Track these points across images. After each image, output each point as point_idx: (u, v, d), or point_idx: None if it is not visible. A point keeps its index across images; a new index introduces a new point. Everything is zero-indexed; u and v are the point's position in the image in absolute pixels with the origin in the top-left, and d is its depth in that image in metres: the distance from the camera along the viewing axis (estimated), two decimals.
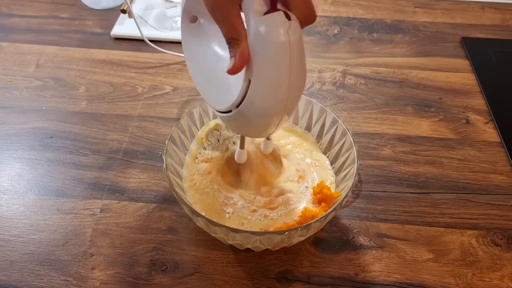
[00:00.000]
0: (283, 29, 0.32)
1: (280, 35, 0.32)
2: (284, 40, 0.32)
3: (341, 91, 0.68)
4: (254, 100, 0.36)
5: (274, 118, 0.38)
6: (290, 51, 0.33)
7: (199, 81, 0.44)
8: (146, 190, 0.54)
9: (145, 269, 0.47)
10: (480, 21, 0.83)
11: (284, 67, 0.34)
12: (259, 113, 0.37)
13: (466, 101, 0.67)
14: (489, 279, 0.46)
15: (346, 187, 0.46)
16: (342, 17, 0.83)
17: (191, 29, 0.43)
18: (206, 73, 0.43)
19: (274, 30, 0.32)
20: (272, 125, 0.39)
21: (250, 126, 0.40)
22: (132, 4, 0.81)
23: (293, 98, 0.37)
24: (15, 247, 0.48)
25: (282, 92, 0.35)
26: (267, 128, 0.40)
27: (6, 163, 0.57)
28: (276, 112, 0.37)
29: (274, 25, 0.32)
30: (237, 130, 0.44)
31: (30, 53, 0.73)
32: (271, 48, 0.33)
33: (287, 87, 0.35)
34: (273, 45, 0.33)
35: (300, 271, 0.47)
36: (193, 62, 0.44)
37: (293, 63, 0.34)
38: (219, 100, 0.40)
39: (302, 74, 0.36)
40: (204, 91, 0.44)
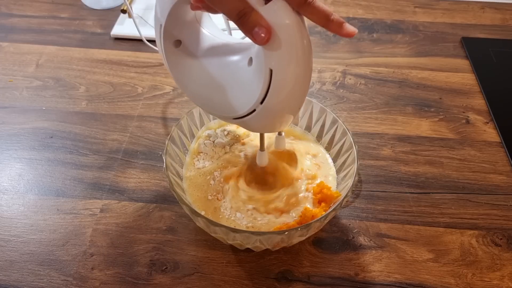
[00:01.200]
0: (289, 9, 0.33)
1: (290, 15, 0.33)
2: (295, 18, 0.33)
3: (341, 91, 0.68)
4: (280, 89, 0.36)
5: (299, 103, 0.38)
6: (301, 29, 0.34)
7: (201, 98, 0.43)
8: (146, 190, 0.54)
9: (145, 269, 0.47)
10: (480, 21, 0.83)
11: (300, 47, 0.34)
12: (286, 101, 0.37)
13: (466, 101, 0.67)
14: (489, 279, 0.46)
15: (346, 187, 0.46)
16: (342, 17, 0.82)
17: (178, 53, 0.42)
18: (209, 88, 0.42)
19: (283, 12, 0.33)
20: (295, 112, 0.39)
21: (276, 119, 0.39)
22: (132, 4, 0.81)
23: (309, 80, 0.37)
24: (15, 247, 0.48)
25: (303, 73, 0.36)
26: (291, 117, 0.40)
27: (6, 163, 0.57)
28: (302, 93, 0.37)
29: (280, 8, 0.33)
30: (260, 128, 0.43)
31: (30, 53, 0.73)
32: (285, 29, 0.33)
33: (305, 67, 0.35)
34: (286, 26, 0.33)
35: (300, 271, 0.47)
36: (188, 82, 0.43)
37: (306, 42, 0.34)
38: (236, 105, 0.39)
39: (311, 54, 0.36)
40: (211, 105, 0.43)
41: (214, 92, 0.42)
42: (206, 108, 0.44)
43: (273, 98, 0.36)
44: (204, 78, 0.42)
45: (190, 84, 0.43)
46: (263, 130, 0.43)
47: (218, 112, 0.43)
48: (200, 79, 0.42)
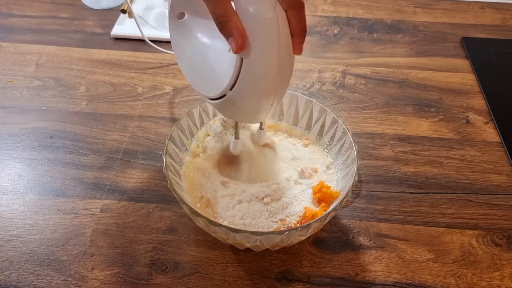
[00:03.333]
0: (270, 4, 0.34)
1: (268, 10, 0.34)
2: (272, 15, 0.34)
3: (341, 91, 0.68)
4: (248, 78, 0.37)
5: (268, 96, 0.39)
6: (279, 26, 0.34)
7: (190, 74, 0.45)
8: (146, 190, 0.54)
9: (145, 269, 0.47)
10: (480, 21, 0.83)
11: (274, 42, 0.35)
12: (253, 91, 0.38)
13: (466, 101, 0.67)
14: (489, 279, 0.46)
15: (346, 187, 0.46)
16: (342, 17, 0.83)
17: (179, 25, 0.44)
18: (196, 65, 0.43)
19: (262, 6, 0.34)
20: (266, 105, 0.40)
21: (245, 109, 0.41)
22: (132, 4, 0.81)
23: (284, 76, 0.38)
24: (15, 247, 0.48)
25: (273, 68, 0.36)
26: (261, 109, 0.40)
27: (6, 163, 0.57)
28: (269, 89, 0.38)
29: (261, 1, 0.34)
30: (232, 115, 0.45)
31: (30, 53, 0.73)
32: (260, 23, 0.34)
33: (278, 63, 0.36)
34: (262, 20, 0.34)
35: (300, 271, 0.47)
36: (183, 56, 0.45)
37: (282, 39, 0.35)
38: (212, 87, 0.41)
39: (290, 54, 0.37)
40: (196, 82, 0.44)
41: (198, 70, 0.43)
42: (192, 84, 0.45)
43: (241, 86, 0.37)
44: (194, 54, 0.43)
45: (182, 58, 0.45)
46: (233, 117, 0.45)
47: (200, 91, 0.44)
48: (191, 54, 0.44)
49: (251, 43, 0.35)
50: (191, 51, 0.44)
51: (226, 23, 0.34)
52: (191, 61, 0.44)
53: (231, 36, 0.34)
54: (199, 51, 0.43)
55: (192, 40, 0.43)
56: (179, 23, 0.43)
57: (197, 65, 0.43)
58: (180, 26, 0.44)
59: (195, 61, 0.44)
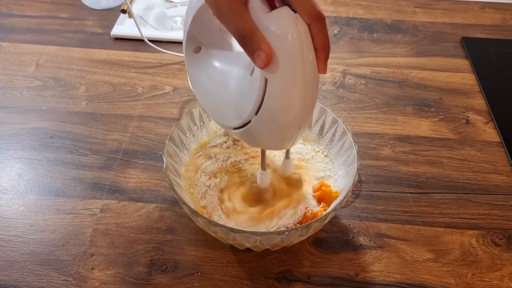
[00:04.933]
0: (291, 20, 0.33)
1: (290, 26, 0.33)
2: (294, 31, 0.33)
3: (341, 91, 0.68)
4: (274, 100, 0.35)
5: (295, 117, 0.37)
6: (302, 41, 0.33)
7: (210, 106, 0.44)
8: (146, 190, 0.54)
9: (145, 269, 0.47)
10: (480, 21, 0.83)
11: (299, 59, 0.34)
12: (280, 113, 0.36)
13: (466, 101, 0.67)
14: (489, 279, 0.46)
15: (346, 187, 0.46)
16: (342, 17, 0.83)
17: (195, 59, 0.43)
18: (217, 96, 0.42)
19: (284, 22, 0.33)
20: (294, 127, 0.38)
21: (272, 133, 0.39)
22: (132, 4, 0.81)
23: (311, 96, 0.36)
24: (15, 247, 0.48)
25: (300, 86, 0.35)
26: (289, 132, 0.38)
27: (6, 163, 0.57)
28: (296, 111, 0.36)
29: (282, 18, 0.33)
30: (258, 142, 0.42)
31: (30, 53, 0.73)
32: (283, 40, 0.33)
33: (304, 80, 0.35)
34: (285, 36, 0.33)
35: (300, 271, 0.47)
36: (201, 89, 0.44)
37: (306, 55, 0.34)
38: (235, 116, 0.39)
39: (315, 70, 0.36)
40: (218, 114, 0.43)
41: (219, 100, 0.42)
42: (212, 116, 0.44)
43: (267, 109, 0.36)
44: (213, 84, 0.42)
45: (201, 90, 0.44)
46: (259, 145, 0.43)
47: (221, 121, 0.43)
48: (210, 86, 0.43)
49: (275, 62, 0.33)
50: (209, 83, 0.43)
51: (251, 37, 0.32)
52: (210, 93, 0.43)
53: (257, 49, 0.32)
54: (218, 81, 0.42)
55: (210, 72, 0.42)
56: (195, 57, 0.43)
57: (217, 96, 0.42)
58: (196, 59, 0.43)
59: (214, 93, 0.42)
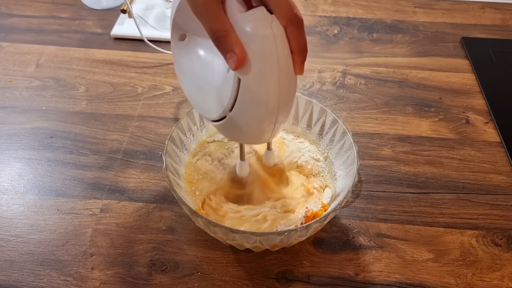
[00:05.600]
0: (266, 22, 0.33)
1: (264, 27, 0.33)
2: (268, 32, 0.33)
3: (341, 91, 0.68)
4: (246, 99, 0.36)
5: (269, 116, 0.38)
6: (276, 44, 0.34)
7: (192, 95, 0.44)
8: (146, 190, 0.54)
9: (145, 269, 0.47)
10: (480, 21, 0.83)
11: (272, 60, 0.34)
12: (253, 112, 0.37)
13: (466, 101, 0.67)
14: (489, 279, 0.46)
15: (346, 187, 0.46)
16: (342, 17, 0.83)
17: (180, 46, 0.43)
18: (198, 86, 0.43)
19: (258, 24, 0.33)
20: (268, 125, 0.39)
21: (247, 130, 0.40)
22: (132, 4, 0.81)
23: (285, 95, 0.37)
24: (15, 247, 0.48)
25: (272, 87, 0.35)
26: (264, 130, 0.39)
27: (6, 163, 0.57)
28: (270, 110, 0.37)
29: (257, 19, 0.33)
30: (234, 137, 0.44)
31: (30, 53, 0.73)
32: (256, 41, 0.33)
33: (277, 82, 0.35)
34: (258, 38, 0.33)
35: (300, 271, 0.47)
36: (184, 76, 0.44)
37: (280, 57, 0.34)
38: (213, 109, 0.40)
39: (291, 72, 0.36)
40: (198, 104, 0.43)
41: (199, 91, 0.42)
42: (194, 106, 0.44)
43: (240, 107, 0.36)
44: (196, 75, 0.43)
45: (184, 79, 0.44)
46: (236, 139, 0.44)
47: (201, 112, 0.43)
48: (192, 75, 0.43)
49: (248, 62, 0.34)
50: (192, 72, 0.43)
51: (224, 38, 0.33)
52: (192, 82, 0.44)
53: (230, 51, 0.33)
54: (199, 72, 0.42)
55: (193, 61, 0.43)
56: (180, 44, 0.43)
57: (198, 86, 0.43)
58: (181, 47, 0.43)
59: (196, 83, 0.43)
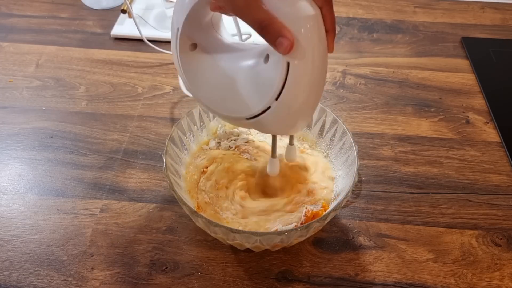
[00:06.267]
0: (308, 2, 0.34)
1: (307, 8, 0.34)
2: (312, 12, 0.34)
3: (341, 91, 0.68)
4: (297, 83, 0.36)
5: (315, 99, 0.38)
6: (318, 24, 0.34)
7: (216, 101, 0.43)
8: (146, 190, 0.54)
9: (145, 269, 0.47)
10: (480, 21, 0.83)
11: (315, 40, 0.35)
12: (302, 96, 0.37)
13: (466, 101, 0.67)
14: (489, 279, 0.46)
15: (346, 187, 0.46)
16: (342, 17, 0.83)
17: (192, 57, 0.43)
18: (224, 89, 0.42)
19: (301, 5, 0.34)
20: (312, 110, 0.39)
21: (291, 117, 0.39)
22: (132, 4, 0.81)
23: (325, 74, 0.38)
24: (15, 247, 0.48)
25: (319, 66, 0.36)
26: (307, 115, 0.40)
27: (6, 163, 0.57)
28: (316, 91, 0.38)
29: (298, 2, 0.34)
30: (275, 128, 0.42)
31: (30, 53, 0.73)
32: (302, 22, 0.34)
33: (322, 61, 0.36)
34: (304, 18, 0.34)
35: (300, 271, 0.47)
36: (203, 85, 0.43)
37: (321, 36, 0.35)
38: (250, 105, 0.39)
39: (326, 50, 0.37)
40: (226, 107, 0.43)
41: (229, 93, 0.42)
42: (220, 111, 0.43)
43: (289, 93, 0.36)
44: (219, 79, 0.42)
45: (203, 87, 0.44)
46: (277, 130, 0.43)
47: (232, 113, 0.42)
48: (215, 81, 0.43)
49: (297, 43, 0.34)
50: (212, 78, 0.42)
51: (271, 26, 0.33)
52: (215, 88, 0.43)
53: (279, 36, 0.33)
54: (223, 75, 0.42)
55: (211, 67, 0.42)
56: (191, 54, 0.43)
57: (225, 89, 0.42)
58: (193, 57, 0.43)
59: (221, 87, 0.42)
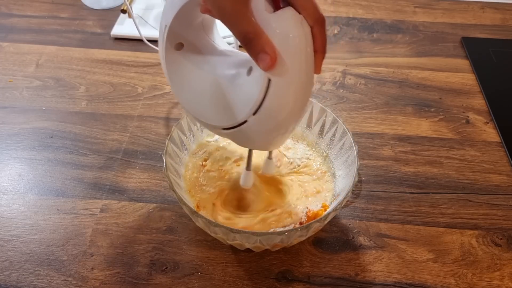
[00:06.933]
0: (297, 21, 0.33)
1: (296, 27, 0.33)
2: (300, 32, 0.33)
3: (341, 91, 0.68)
4: (275, 100, 0.35)
5: (295, 118, 0.37)
6: (306, 43, 0.33)
7: (195, 105, 0.42)
8: (146, 190, 0.54)
9: (145, 269, 0.47)
10: (480, 21, 0.83)
11: (301, 60, 0.34)
12: (281, 114, 0.36)
13: (466, 101, 0.67)
14: (489, 279, 0.46)
15: (346, 187, 0.46)
16: (342, 17, 0.83)
17: (177, 57, 0.42)
18: (204, 95, 0.41)
19: (290, 23, 0.33)
20: (291, 128, 0.38)
21: (268, 134, 0.38)
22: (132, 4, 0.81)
23: (308, 94, 0.36)
24: (15, 247, 0.48)
25: (301, 86, 0.35)
26: (286, 133, 0.38)
27: (6, 163, 0.57)
28: (296, 109, 0.36)
29: (288, 19, 0.33)
30: (250, 142, 0.41)
31: (30, 53, 0.73)
32: (289, 41, 0.33)
33: (305, 80, 0.35)
34: (291, 37, 0.33)
35: (300, 271, 0.47)
36: (184, 87, 0.42)
37: (308, 56, 0.34)
38: (228, 115, 0.38)
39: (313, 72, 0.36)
40: (204, 114, 0.42)
41: (207, 100, 0.41)
42: (198, 116, 0.42)
43: (267, 109, 0.35)
44: (200, 84, 0.41)
45: (184, 90, 0.43)
46: (253, 145, 0.42)
47: (209, 121, 0.41)
48: (196, 85, 0.41)
49: (280, 61, 0.33)
50: (194, 82, 0.41)
51: (256, 40, 0.32)
52: (196, 92, 0.42)
53: (261, 52, 0.32)
54: (205, 80, 0.40)
55: (195, 70, 0.41)
56: (177, 54, 0.41)
57: (205, 95, 0.41)
58: (178, 57, 0.41)
59: (200, 92, 0.41)
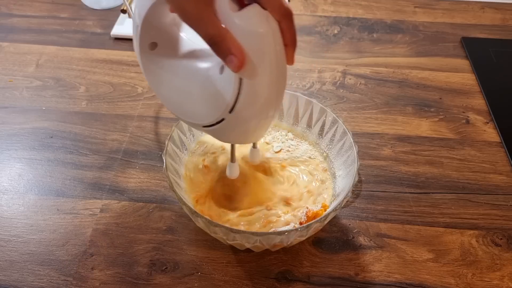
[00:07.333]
0: (263, 18, 0.32)
1: (262, 24, 0.32)
2: (267, 28, 0.33)
3: (341, 91, 0.68)
4: (249, 97, 0.35)
5: (271, 112, 0.38)
6: (274, 39, 0.33)
7: (174, 104, 0.43)
8: (146, 190, 0.54)
9: (145, 269, 0.47)
10: (480, 21, 0.83)
11: (271, 56, 0.34)
12: (256, 110, 0.37)
13: (466, 101, 0.67)
14: (489, 279, 0.46)
15: (346, 187, 0.46)
16: (342, 17, 0.83)
17: (153, 56, 0.41)
18: (181, 94, 0.41)
19: (256, 21, 0.32)
20: (269, 121, 0.39)
21: (246, 129, 0.39)
22: (132, 4, 0.81)
23: (282, 89, 0.37)
24: (15, 247, 0.48)
25: (274, 81, 0.35)
26: (264, 127, 0.39)
27: (6, 163, 0.57)
28: (271, 104, 0.37)
29: (254, 16, 0.32)
30: (230, 138, 0.42)
31: (30, 53, 0.73)
32: (256, 39, 0.33)
33: (277, 76, 0.35)
34: (258, 35, 0.33)
35: (300, 271, 0.47)
36: (163, 86, 0.42)
37: (278, 51, 0.34)
38: (206, 114, 0.39)
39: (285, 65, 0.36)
40: (183, 112, 0.42)
41: (185, 98, 0.41)
42: (177, 114, 0.43)
43: (242, 107, 0.36)
44: (176, 83, 0.41)
45: (162, 88, 0.43)
46: (232, 140, 0.43)
47: (189, 119, 0.42)
48: (172, 84, 0.42)
49: (249, 61, 0.33)
50: (170, 80, 0.41)
51: (222, 42, 0.32)
52: (174, 91, 0.42)
53: (229, 54, 0.32)
54: (182, 80, 0.41)
55: (170, 69, 0.41)
56: (152, 54, 0.41)
57: (183, 94, 0.41)
58: (153, 56, 0.41)
59: (179, 91, 0.41)
